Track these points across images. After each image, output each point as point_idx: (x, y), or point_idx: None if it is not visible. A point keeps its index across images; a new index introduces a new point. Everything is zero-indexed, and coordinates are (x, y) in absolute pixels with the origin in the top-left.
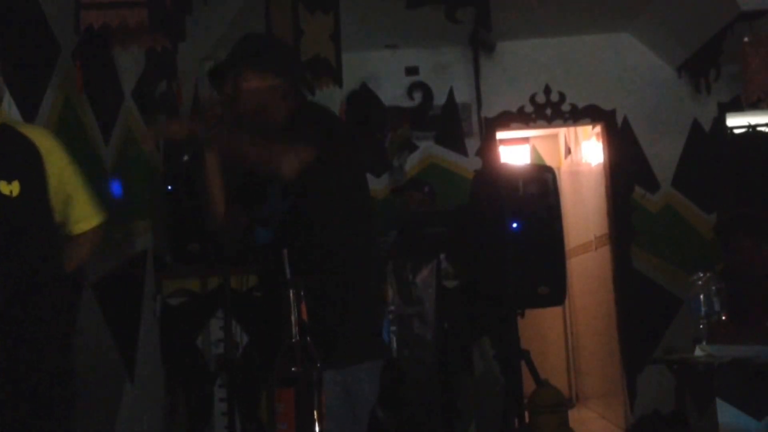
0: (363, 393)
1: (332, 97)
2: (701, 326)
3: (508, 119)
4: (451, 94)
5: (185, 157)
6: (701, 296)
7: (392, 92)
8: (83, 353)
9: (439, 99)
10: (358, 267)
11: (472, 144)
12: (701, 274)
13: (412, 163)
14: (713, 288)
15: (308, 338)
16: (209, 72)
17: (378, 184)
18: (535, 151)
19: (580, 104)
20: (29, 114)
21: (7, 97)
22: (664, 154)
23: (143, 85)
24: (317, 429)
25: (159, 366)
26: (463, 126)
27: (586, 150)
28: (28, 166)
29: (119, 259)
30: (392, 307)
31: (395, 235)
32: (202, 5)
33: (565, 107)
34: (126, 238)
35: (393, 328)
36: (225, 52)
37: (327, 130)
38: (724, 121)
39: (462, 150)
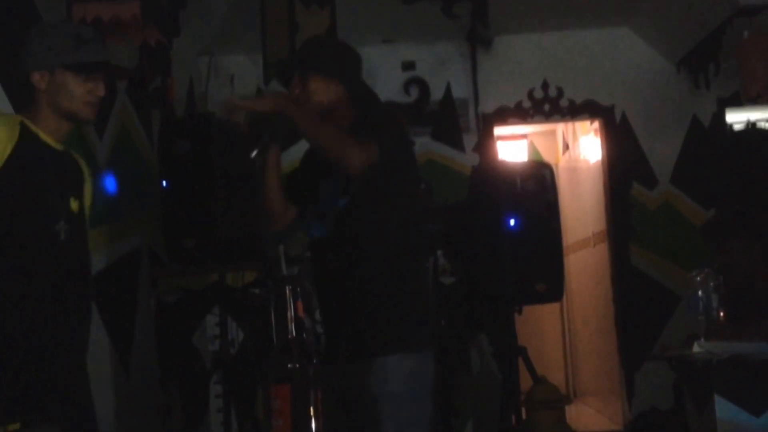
0: (425, 377)
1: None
2: (700, 323)
3: (505, 115)
4: (448, 89)
5: (253, 153)
6: (699, 293)
7: (389, 87)
8: None
9: (436, 94)
10: (409, 261)
11: (470, 140)
12: (700, 271)
13: None
14: (711, 285)
15: (304, 335)
16: (277, 70)
17: None
18: (532, 147)
19: (578, 100)
20: (19, 105)
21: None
22: (662, 150)
23: (137, 81)
24: (314, 425)
25: (155, 363)
26: (461, 122)
27: (584, 146)
28: (81, 187)
29: (114, 256)
30: None
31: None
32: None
33: (563, 103)
34: (120, 235)
35: None
36: (220, 47)
37: (390, 135)
38: (723, 116)
39: (459, 146)
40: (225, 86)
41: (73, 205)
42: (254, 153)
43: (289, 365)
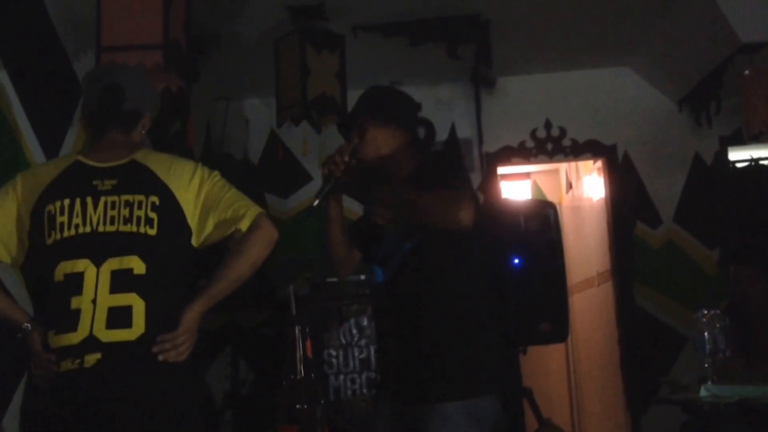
0: (488, 422)
1: (338, 135)
2: (706, 365)
3: (509, 154)
4: (452, 129)
5: (315, 202)
6: (706, 334)
7: None
8: None
9: (441, 135)
10: (472, 304)
11: (474, 179)
12: (705, 312)
13: None
14: (718, 326)
15: (312, 375)
16: (339, 123)
17: None
18: (536, 186)
19: (581, 139)
20: (52, 149)
21: (32, 134)
22: (665, 188)
23: (158, 124)
24: None
25: None
26: (465, 161)
27: (588, 185)
28: None
29: None
30: None
31: None
32: (215, 48)
33: (566, 142)
34: None
35: None
36: (237, 92)
37: (466, 179)
38: (726, 154)
39: None
40: (241, 129)
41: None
42: (316, 201)
43: (297, 406)
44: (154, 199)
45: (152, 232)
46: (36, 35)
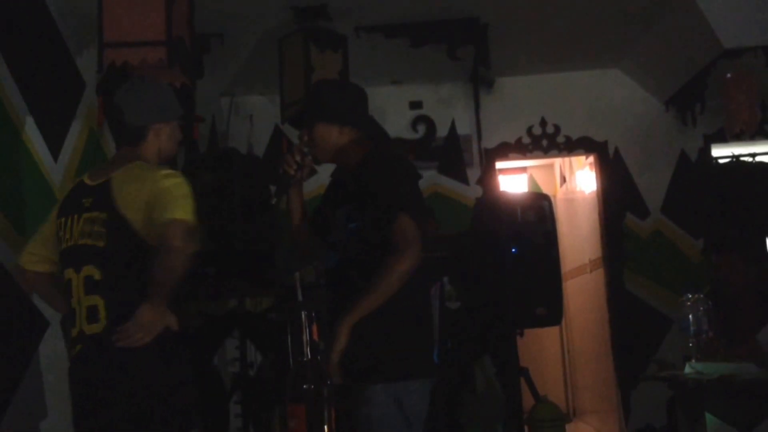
0: (414, 405)
1: None
2: (691, 344)
3: (506, 150)
4: (452, 126)
5: (274, 200)
6: (690, 316)
7: (397, 125)
8: None
9: (442, 131)
10: (404, 290)
11: (473, 173)
12: (690, 296)
13: None
14: (701, 308)
15: (319, 357)
16: (291, 119)
17: None
18: (532, 180)
19: (574, 136)
20: (56, 144)
21: (35, 129)
22: (653, 182)
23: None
24: None
25: None
26: (465, 156)
27: (580, 179)
28: None
29: None
30: None
31: None
32: (219, 44)
33: (560, 139)
34: None
35: None
36: (241, 89)
37: (405, 183)
38: (709, 151)
39: (463, 179)
40: (245, 125)
41: None
42: (274, 200)
43: (304, 386)
44: (104, 215)
45: (101, 244)
46: (38, 32)
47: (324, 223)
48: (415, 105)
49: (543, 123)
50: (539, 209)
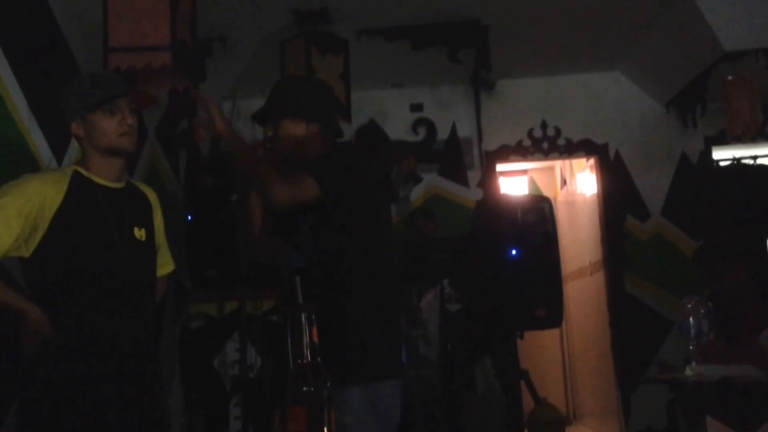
0: (387, 407)
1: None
2: (691, 347)
3: (507, 152)
4: (453, 129)
5: (234, 197)
6: (691, 319)
7: (398, 127)
8: None
9: (443, 134)
10: (371, 292)
11: (474, 176)
12: (690, 298)
13: (416, 193)
14: (702, 311)
15: (320, 359)
16: (253, 115)
17: None
18: (532, 183)
19: (575, 138)
20: (59, 150)
21: (39, 133)
22: (653, 185)
23: (166, 123)
24: None
25: (178, 385)
26: (465, 159)
27: (581, 181)
28: (148, 217)
29: None
30: None
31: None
32: (221, 48)
33: (561, 141)
34: None
35: None
36: (243, 92)
37: (335, 169)
38: (710, 154)
39: (464, 181)
40: (246, 127)
41: (138, 233)
42: (234, 197)
43: (303, 388)
44: None
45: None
46: (42, 36)
47: (287, 225)
48: (416, 107)
49: (543, 125)
50: (540, 211)
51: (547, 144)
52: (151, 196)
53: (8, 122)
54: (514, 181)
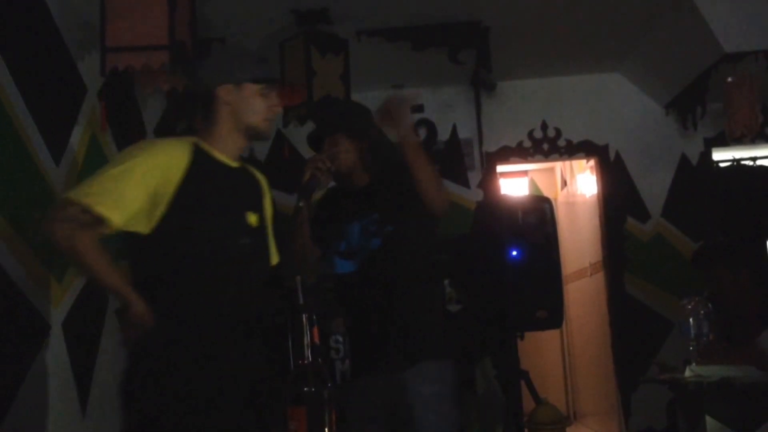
0: (451, 378)
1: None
2: (691, 348)
3: (507, 154)
4: (454, 130)
5: (300, 204)
6: (691, 319)
7: None
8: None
9: (443, 135)
10: (433, 286)
11: (474, 177)
12: (690, 299)
13: None
14: (702, 312)
15: (320, 359)
16: (309, 136)
17: None
18: (533, 184)
19: (575, 139)
20: (57, 149)
21: (37, 134)
22: (654, 186)
23: (164, 123)
24: None
25: None
26: (466, 160)
27: (581, 182)
28: (259, 202)
29: None
30: None
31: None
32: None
33: (561, 142)
34: None
35: None
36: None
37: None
38: (710, 155)
39: (464, 182)
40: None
41: (252, 219)
42: (301, 202)
43: (304, 389)
44: None
45: None
46: (40, 36)
47: (326, 235)
48: (417, 109)
49: (544, 126)
50: (540, 212)
51: (547, 145)
52: (263, 181)
53: (5, 123)
54: (514, 182)
